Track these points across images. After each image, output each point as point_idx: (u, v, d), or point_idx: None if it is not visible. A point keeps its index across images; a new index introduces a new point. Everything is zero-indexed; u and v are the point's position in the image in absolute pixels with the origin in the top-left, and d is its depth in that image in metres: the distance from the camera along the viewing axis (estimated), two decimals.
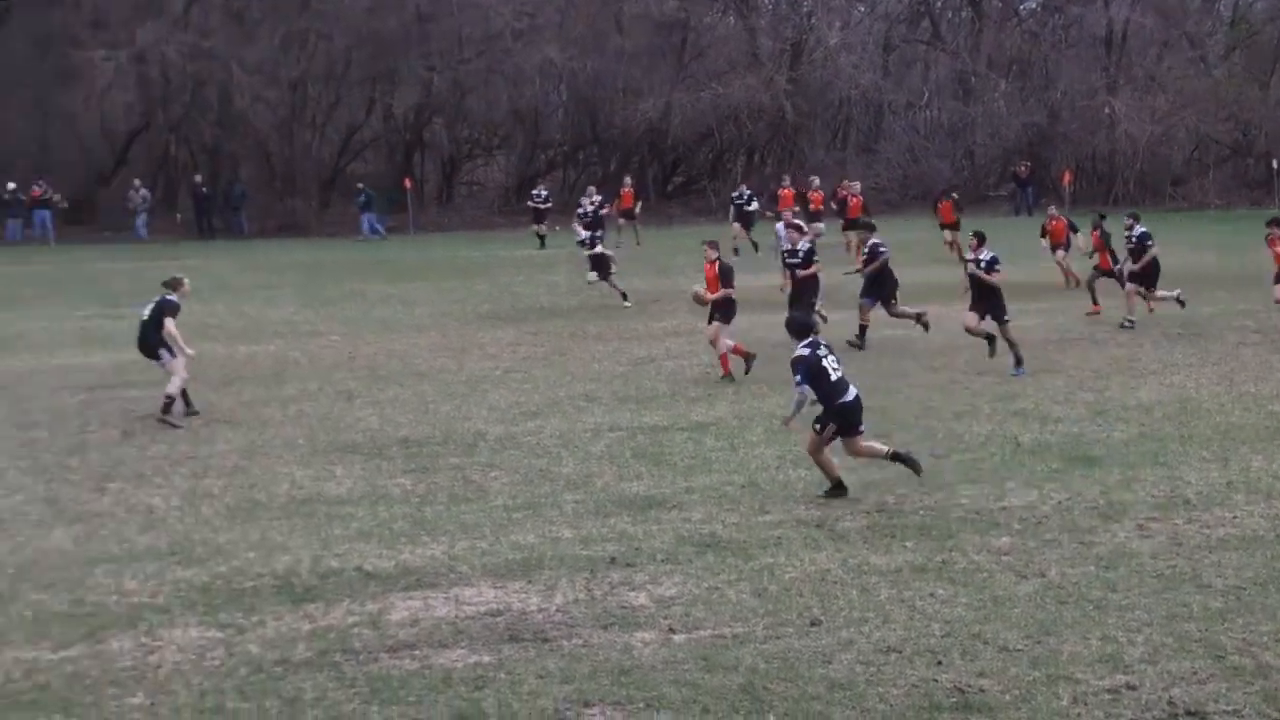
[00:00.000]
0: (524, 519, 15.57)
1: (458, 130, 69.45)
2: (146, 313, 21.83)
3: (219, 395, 22.92)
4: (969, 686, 10.53)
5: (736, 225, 46.92)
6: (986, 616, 11.99)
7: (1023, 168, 66.97)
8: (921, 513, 15.33)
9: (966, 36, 76.34)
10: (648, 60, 68.25)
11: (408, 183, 61.60)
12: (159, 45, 58.55)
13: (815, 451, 16.20)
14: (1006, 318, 23.91)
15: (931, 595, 12.58)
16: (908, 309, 26.77)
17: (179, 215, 62.47)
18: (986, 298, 23.93)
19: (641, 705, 10.42)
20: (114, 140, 65.51)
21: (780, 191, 51.31)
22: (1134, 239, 28.99)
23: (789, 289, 25.77)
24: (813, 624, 11.93)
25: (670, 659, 11.26)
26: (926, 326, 26.58)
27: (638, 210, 52.58)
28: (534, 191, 55.47)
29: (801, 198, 48.58)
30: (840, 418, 16.01)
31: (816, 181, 50.02)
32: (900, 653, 11.22)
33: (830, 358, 16.17)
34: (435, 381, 24.25)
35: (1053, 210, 36.35)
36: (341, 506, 16.37)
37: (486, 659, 11.42)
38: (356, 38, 63.73)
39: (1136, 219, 29.72)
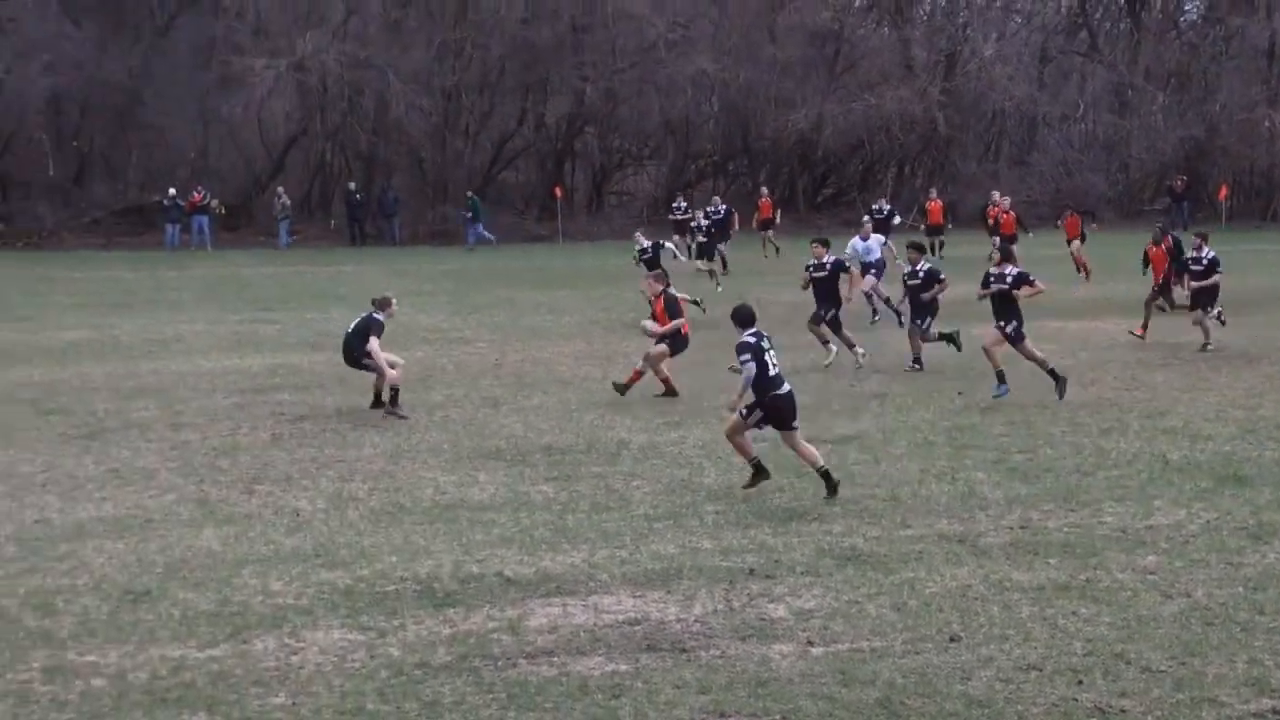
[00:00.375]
0: (664, 529, 15.59)
1: (609, 140, 69.76)
2: (352, 325, 22.69)
3: (367, 400, 23.18)
4: (1110, 707, 10.39)
5: None
6: (1130, 636, 11.82)
7: (1179, 182, 66.02)
8: (1066, 530, 15.14)
9: (1125, 48, 75.45)
10: (800, 71, 68.14)
11: (558, 191, 61.97)
12: (319, 54, 59.46)
13: (733, 433, 17.13)
14: (1009, 331, 23.10)
15: (1074, 614, 12.42)
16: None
17: (333, 222, 63.36)
18: (1003, 313, 23.23)
19: (777, 717, 10.39)
20: (272, 147, 66.55)
21: (928, 205, 50.89)
22: (1204, 261, 28.19)
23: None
24: (952, 640, 11.83)
25: (807, 672, 11.22)
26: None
27: (777, 220, 52.38)
28: (674, 204, 55.48)
29: (925, 211, 48.12)
30: (772, 410, 16.96)
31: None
32: (1040, 671, 11.09)
33: (771, 352, 17.06)
34: (579, 389, 24.37)
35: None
36: (484, 512, 16.48)
37: (624, 667, 11.44)
38: (511, 47, 64.30)
39: (1205, 239, 28.94)
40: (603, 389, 24.45)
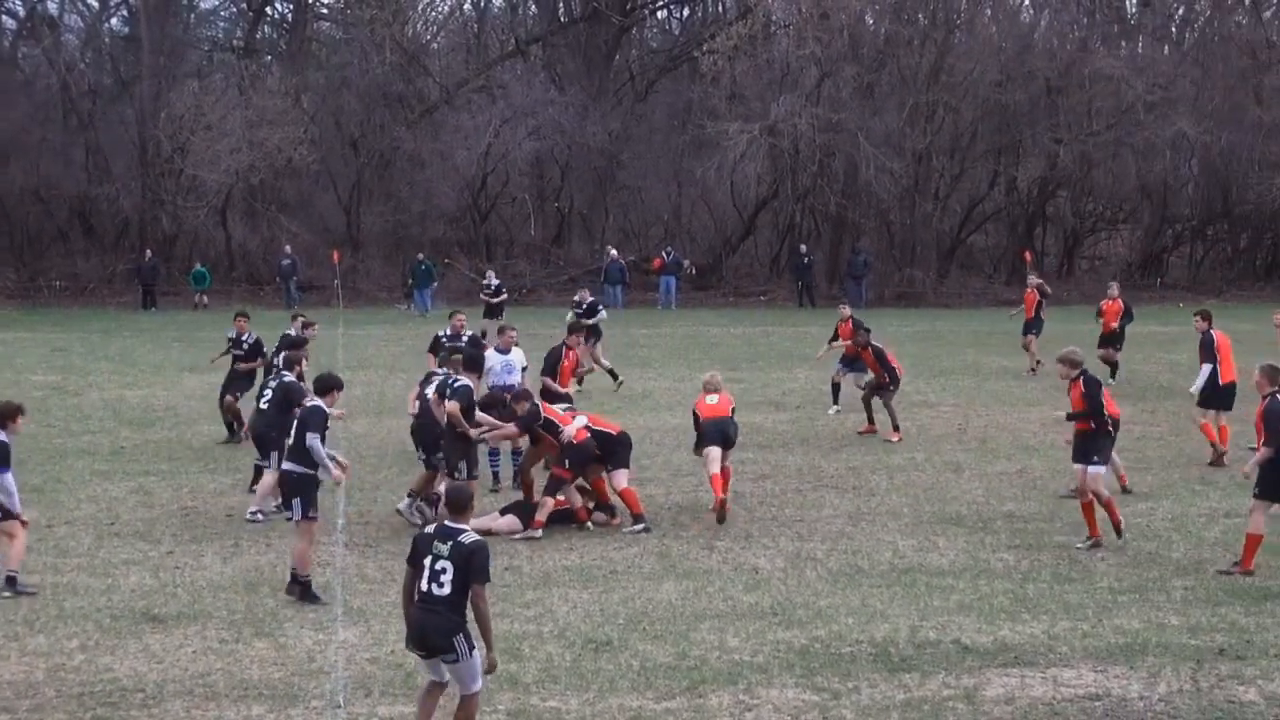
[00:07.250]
0: (1129, 603, 15.19)
1: (1082, 203, 68.40)
2: None
3: (826, 461, 23.27)
4: None
5: None
6: None
7: None
8: None
9: None
10: None
11: (1027, 255, 61.13)
12: (791, 118, 60.11)
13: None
14: None
15: None
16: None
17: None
18: None
19: None
20: (742, 209, 67.65)
21: None
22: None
23: None
24: None
25: None
26: None
27: None
28: None
29: None
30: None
31: None
32: None
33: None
34: (1045, 457, 23.87)
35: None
36: (942, 578, 16.34)
37: None
38: (984, 110, 63.83)
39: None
40: (1067, 456, 23.83)
